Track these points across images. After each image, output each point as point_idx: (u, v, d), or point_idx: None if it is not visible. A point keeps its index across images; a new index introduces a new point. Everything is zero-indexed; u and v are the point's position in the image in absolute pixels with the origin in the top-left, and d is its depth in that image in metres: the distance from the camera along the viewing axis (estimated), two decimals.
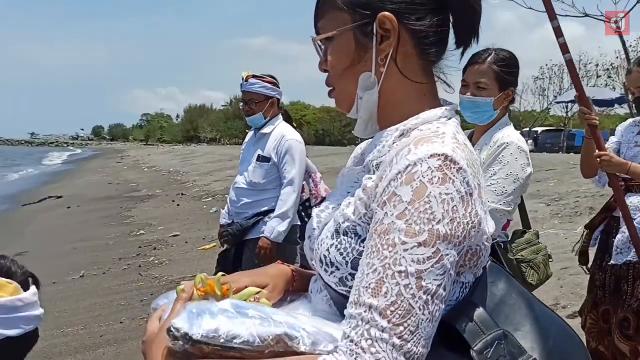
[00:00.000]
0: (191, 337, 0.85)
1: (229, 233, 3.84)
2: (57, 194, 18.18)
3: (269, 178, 3.82)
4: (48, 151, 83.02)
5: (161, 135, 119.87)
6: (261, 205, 3.81)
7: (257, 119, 3.90)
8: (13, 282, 1.03)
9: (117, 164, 35.99)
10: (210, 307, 0.90)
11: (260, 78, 3.87)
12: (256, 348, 0.87)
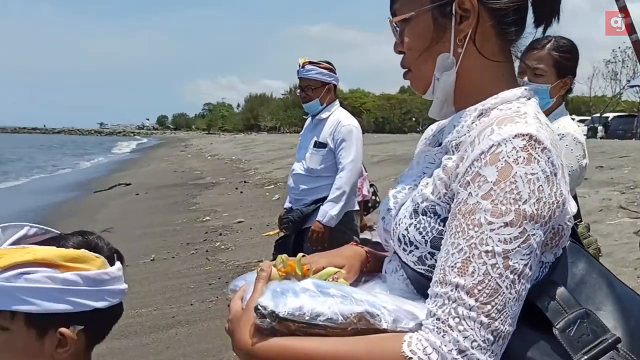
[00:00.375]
0: (277, 314, 0.88)
1: (288, 220, 3.87)
2: (125, 181, 18.91)
3: (326, 164, 3.82)
4: (116, 140, 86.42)
5: (222, 124, 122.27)
6: (319, 192, 3.82)
7: (314, 105, 3.90)
8: (100, 257, 1.08)
9: (181, 152, 37.02)
10: (293, 287, 0.92)
11: (317, 64, 3.87)
12: (339, 325, 0.89)
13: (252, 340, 0.90)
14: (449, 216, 0.94)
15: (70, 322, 1.04)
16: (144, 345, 4.53)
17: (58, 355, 1.04)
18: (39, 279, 1.00)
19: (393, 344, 0.88)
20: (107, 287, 1.07)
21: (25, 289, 1.00)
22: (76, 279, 1.02)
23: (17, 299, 1.00)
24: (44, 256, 1.02)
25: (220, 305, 5.39)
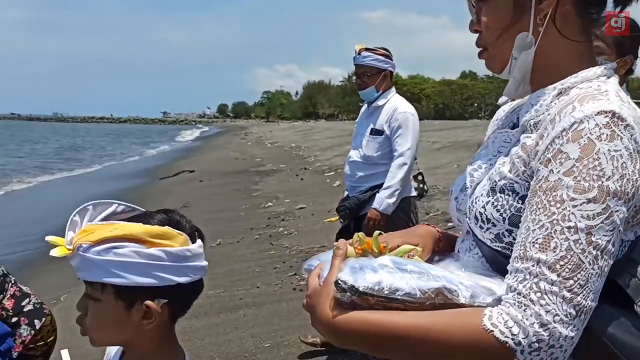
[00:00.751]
0: (357, 288, 0.89)
1: (345, 207, 3.88)
2: (189, 168, 19.41)
3: (383, 151, 3.80)
4: (179, 129, 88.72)
5: (281, 112, 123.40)
6: (376, 179, 3.80)
7: (370, 92, 3.88)
8: (183, 234, 1.13)
9: (241, 140, 37.63)
10: (371, 263, 0.94)
11: (373, 50, 3.84)
12: (417, 300, 0.90)
13: (333, 313, 0.92)
14: (529, 193, 0.95)
15: (155, 295, 1.10)
16: (213, 325, 4.69)
17: (144, 326, 1.11)
18: (127, 254, 1.07)
19: (473, 317, 0.89)
20: (189, 263, 1.12)
21: (114, 262, 1.06)
22: (161, 255, 1.08)
23: (108, 271, 1.07)
24: (131, 232, 1.08)
25: (285, 288, 5.51)
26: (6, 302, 2.37)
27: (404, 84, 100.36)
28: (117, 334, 1.13)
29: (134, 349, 1.16)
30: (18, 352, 2.33)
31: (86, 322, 1.13)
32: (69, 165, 25.65)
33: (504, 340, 0.86)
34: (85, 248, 1.07)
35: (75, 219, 1.12)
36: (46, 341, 2.43)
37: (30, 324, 2.39)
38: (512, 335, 0.86)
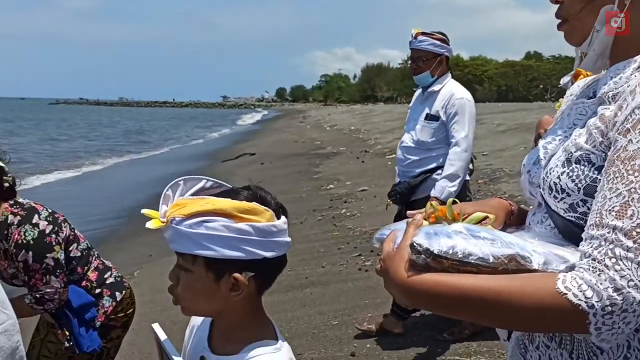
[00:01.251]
0: (432, 251, 0.92)
1: (396, 192, 3.85)
2: (250, 151, 19.74)
3: (437, 137, 3.76)
4: (239, 113, 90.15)
5: (339, 96, 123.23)
6: (428, 163, 3.77)
7: (424, 77, 3.83)
8: (269, 210, 1.16)
9: (300, 123, 37.84)
10: (445, 229, 0.96)
11: (430, 35, 3.78)
12: (490, 264, 0.91)
13: (407, 274, 0.95)
14: (606, 163, 0.95)
15: (243, 268, 1.14)
16: (282, 302, 4.79)
17: (231, 297, 1.15)
18: (217, 227, 1.11)
19: (546, 280, 0.90)
20: (275, 238, 1.15)
21: (205, 235, 1.10)
22: (248, 229, 1.12)
23: (199, 244, 1.11)
24: (221, 207, 1.12)
25: (350, 269, 5.56)
26: (90, 274, 2.50)
27: (465, 66, 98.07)
28: (207, 304, 1.17)
29: (223, 319, 1.20)
30: (100, 322, 2.46)
31: (178, 292, 1.18)
32: (136, 147, 26.65)
33: (577, 303, 0.86)
34: (177, 221, 1.11)
35: (168, 193, 1.17)
36: (126, 313, 2.56)
37: (112, 295, 2.52)
38: (586, 298, 0.86)
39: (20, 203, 2.38)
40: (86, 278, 2.49)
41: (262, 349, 1.15)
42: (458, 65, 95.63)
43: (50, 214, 2.39)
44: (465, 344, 3.63)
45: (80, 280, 2.45)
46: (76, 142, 29.79)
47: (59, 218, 2.41)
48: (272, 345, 1.17)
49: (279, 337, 1.20)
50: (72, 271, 2.43)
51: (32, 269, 2.29)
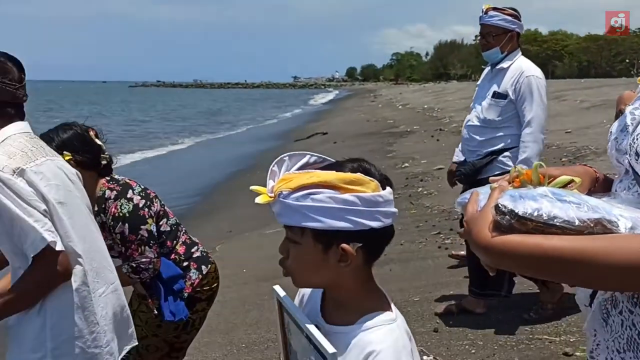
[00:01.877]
0: (517, 213, 0.92)
1: (461, 172, 3.76)
2: (322, 130, 19.85)
3: (505, 115, 3.64)
4: (309, 93, 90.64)
5: (410, 74, 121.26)
6: (495, 143, 3.66)
7: (494, 54, 3.72)
8: (374, 180, 1.16)
9: (371, 102, 37.62)
10: (530, 192, 0.96)
11: (501, 10, 3.66)
12: (575, 227, 0.90)
13: (492, 234, 0.95)
14: None
15: (350, 239, 1.13)
16: None
17: (340, 268, 1.15)
18: (323, 199, 1.11)
19: (632, 241, 0.88)
20: (381, 208, 1.15)
21: (312, 207, 1.11)
22: (354, 200, 1.11)
23: (306, 216, 1.12)
24: (326, 179, 1.12)
25: (430, 247, 5.51)
26: (179, 247, 2.61)
27: (544, 41, 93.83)
28: (317, 276, 1.18)
29: (334, 290, 1.20)
30: (187, 293, 2.57)
31: (288, 264, 1.19)
32: (213, 128, 27.45)
33: None
34: (285, 195, 1.12)
35: (274, 169, 1.18)
36: (211, 286, 2.66)
37: (198, 268, 2.62)
38: None
39: (116, 179, 2.54)
40: (175, 251, 2.60)
41: (377, 319, 1.15)
42: (536, 41, 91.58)
43: (143, 190, 2.54)
44: (554, 323, 3.53)
45: (169, 253, 2.57)
46: (157, 123, 31.01)
47: (150, 194, 2.55)
48: (388, 316, 1.16)
49: (393, 308, 1.19)
50: (161, 245, 2.55)
51: (129, 240, 2.42)
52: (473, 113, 3.84)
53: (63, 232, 1.81)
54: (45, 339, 1.80)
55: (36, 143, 1.94)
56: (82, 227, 1.91)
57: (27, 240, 1.73)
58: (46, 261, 1.75)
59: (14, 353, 1.85)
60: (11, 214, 1.72)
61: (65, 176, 1.93)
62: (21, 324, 1.83)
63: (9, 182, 1.74)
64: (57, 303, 1.81)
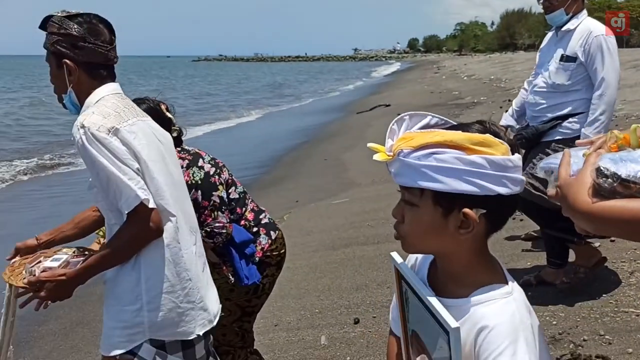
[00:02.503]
0: (619, 175, 0.89)
1: (522, 136, 3.61)
2: (384, 102, 19.62)
3: (575, 79, 3.47)
4: (370, 65, 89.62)
5: (474, 44, 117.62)
6: (562, 108, 3.51)
7: (558, 16, 3.54)
8: (504, 143, 1.07)
9: (434, 74, 36.79)
10: (631, 155, 0.92)
11: None
12: None
13: (592, 200, 0.91)
14: None
15: (474, 204, 1.05)
16: None
17: (459, 235, 1.07)
18: (448, 159, 1.03)
19: None
20: (509, 174, 1.05)
21: (434, 167, 1.04)
22: (482, 162, 1.03)
23: (427, 176, 1.04)
24: (452, 138, 1.04)
25: None
26: (248, 214, 2.66)
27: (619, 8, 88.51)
28: (434, 241, 1.11)
29: (448, 259, 1.13)
30: (258, 258, 2.61)
31: (403, 228, 1.13)
32: (276, 101, 27.68)
33: None
34: (405, 153, 1.07)
35: (393, 127, 1.13)
36: (279, 252, 2.69)
37: (267, 234, 2.66)
38: None
39: (186, 150, 2.62)
40: (244, 218, 2.65)
41: (492, 293, 1.07)
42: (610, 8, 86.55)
43: (212, 159, 2.61)
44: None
45: (239, 219, 2.62)
46: (223, 97, 31.55)
47: (219, 163, 2.62)
48: (503, 289, 1.08)
49: (508, 280, 1.11)
50: (231, 211, 2.60)
51: (202, 206, 2.48)
52: (540, 78, 3.70)
53: (154, 190, 1.87)
54: (141, 292, 1.87)
55: (127, 104, 1.99)
56: (171, 186, 1.96)
57: (121, 197, 1.80)
58: (139, 218, 1.81)
59: (111, 305, 1.94)
60: (107, 172, 1.79)
61: (155, 137, 1.98)
62: (117, 278, 1.91)
63: (105, 141, 1.80)
64: (150, 258, 1.88)
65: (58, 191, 9.78)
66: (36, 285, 1.89)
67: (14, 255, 2.18)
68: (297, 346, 3.48)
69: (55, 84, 2.00)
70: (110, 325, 1.91)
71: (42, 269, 1.96)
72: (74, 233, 2.29)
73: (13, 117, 20.33)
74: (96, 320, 4.46)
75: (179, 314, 1.91)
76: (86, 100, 1.94)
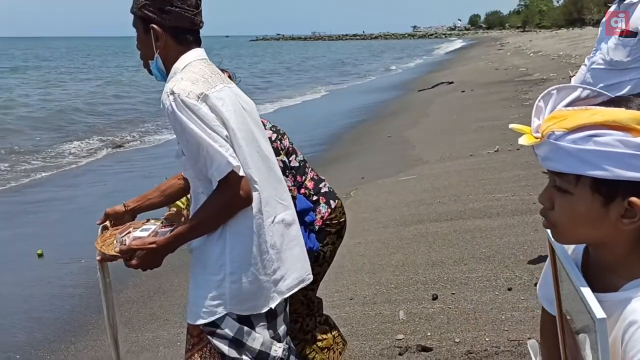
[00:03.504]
0: None
1: None
2: (447, 79, 19.18)
3: (634, 55, 3.29)
4: (429, 43, 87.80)
5: (539, 20, 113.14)
6: (621, 88, 3.33)
7: None
8: None
9: (498, 50, 35.70)
10: None
11: None
12: None
13: None
14: None
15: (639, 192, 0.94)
16: (509, 225, 4.63)
17: (622, 225, 0.96)
18: (611, 142, 0.92)
19: None
20: None
21: (594, 152, 0.92)
22: None
23: (586, 162, 0.93)
24: (614, 118, 0.92)
25: None
26: (307, 183, 2.61)
27: None
28: (590, 231, 1.00)
29: (604, 250, 1.03)
30: (318, 226, 2.56)
31: (553, 216, 1.02)
32: (340, 79, 27.60)
33: None
34: (557, 136, 0.95)
35: (540, 104, 1.01)
36: (339, 220, 2.64)
37: (327, 202, 2.61)
38: None
39: None
40: (304, 186, 2.61)
41: None
42: None
43: (274, 126, 2.57)
44: None
45: (299, 187, 2.58)
46: (285, 75, 31.70)
47: (280, 130, 2.57)
48: None
49: None
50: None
51: None
52: (598, 55, 3.52)
53: (242, 159, 1.83)
54: (225, 262, 1.86)
55: (213, 70, 1.96)
56: (256, 155, 1.92)
57: (212, 165, 1.77)
58: (230, 186, 1.79)
59: (197, 274, 1.93)
60: (197, 139, 1.76)
61: (239, 104, 1.94)
62: (203, 247, 1.90)
63: (195, 108, 1.77)
64: (236, 228, 1.85)
65: (127, 167, 10.10)
66: (128, 254, 1.91)
67: (103, 220, 2.21)
68: (374, 320, 3.44)
69: (141, 50, 1.98)
70: (196, 294, 1.92)
71: (132, 239, 1.98)
72: (159, 200, 2.31)
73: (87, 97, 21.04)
74: (172, 290, 4.58)
75: (259, 286, 1.89)
76: (173, 66, 1.91)
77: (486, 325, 3.16)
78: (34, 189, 8.71)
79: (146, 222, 2.19)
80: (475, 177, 6.29)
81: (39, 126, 14.68)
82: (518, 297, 3.43)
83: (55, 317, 4.34)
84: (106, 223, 2.21)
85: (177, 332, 3.81)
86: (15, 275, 5.20)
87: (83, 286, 4.83)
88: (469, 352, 2.93)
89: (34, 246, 5.70)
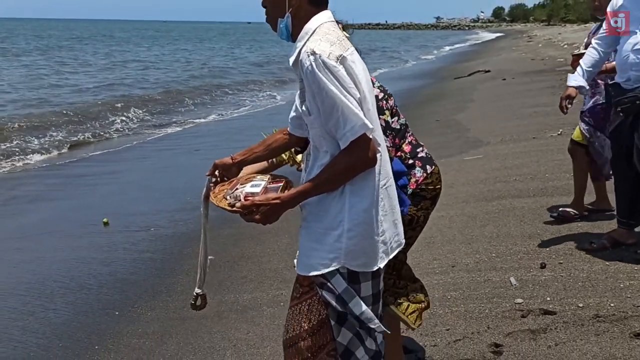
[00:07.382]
0: None
1: (630, 99, 3.38)
2: (483, 68, 19.02)
3: None
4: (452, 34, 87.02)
5: (565, 14, 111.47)
6: None
7: None
8: None
9: (528, 42, 35.36)
10: None
11: None
12: None
13: None
14: None
15: None
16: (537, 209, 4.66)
17: None
18: None
19: None
20: None
21: None
22: None
23: None
24: None
25: None
26: (405, 146, 2.59)
27: None
28: None
29: None
30: (412, 189, 2.55)
31: None
32: (380, 64, 27.41)
33: None
34: None
35: None
36: (435, 187, 2.61)
37: (422, 167, 2.58)
38: None
39: None
40: (401, 149, 2.59)
41: None
42: None
43: (381, 85, 2.54)
44: None
45: (396, 150, 2.56)
46: None
47: (387, 90, 2.55)
48: None
49: None
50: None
51: None
52: (637, 34, 3.43)
53: (370, 121, 1.85)
54: (344, 219, 1.88)
55: (341, 33, 1.97)
56: (376, 118, 1.95)
57: (346, 125, 1.79)
58: (361, 147, 1.81)
59: (312, 228, 1.95)
60: (334, 100, 1.78)
61: (365, 66, 1.96)
62: (322, 201, 1.91)
63: (334, 69, 1.78)
64: (357, 187, 1.88)
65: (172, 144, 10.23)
66: (251, 209, 1.93)
67: (212, 171, 2.22)
68: (485, 286, 3.44)
69: (269, 7, 1.99)
70: (310, 246, 1.94)
71: (245, 195, 1.99)
72: (264, 154, 2.32)
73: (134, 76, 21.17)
74: (256, 256, 4.61)
75: (371, 244, 1.92)
76: (305, 26, 1.92)
77: (606, 292, 3.15)
78: (84, 164, 8.86)
79: (251, 178, 2.19)
80: (546, 157, 6.25)
81: None
82: (631, 267, 3.41)
83: (143, 279, 4.39)
84: (215, 174, 2.22)
85: (275, 293, 3.84)
86: (85, 241, 5.23)
87: (161, 252, 4.88)
88: (597, 315, 2.92)
89: (96, 216, 5.77)
